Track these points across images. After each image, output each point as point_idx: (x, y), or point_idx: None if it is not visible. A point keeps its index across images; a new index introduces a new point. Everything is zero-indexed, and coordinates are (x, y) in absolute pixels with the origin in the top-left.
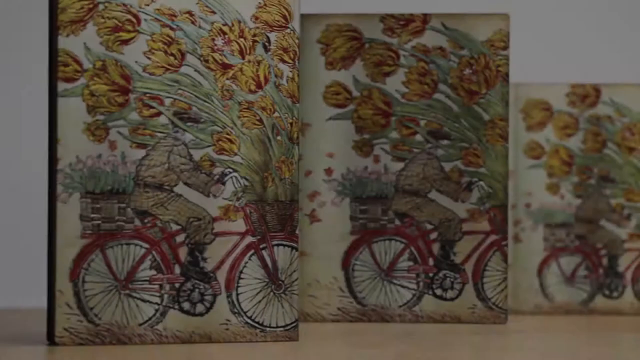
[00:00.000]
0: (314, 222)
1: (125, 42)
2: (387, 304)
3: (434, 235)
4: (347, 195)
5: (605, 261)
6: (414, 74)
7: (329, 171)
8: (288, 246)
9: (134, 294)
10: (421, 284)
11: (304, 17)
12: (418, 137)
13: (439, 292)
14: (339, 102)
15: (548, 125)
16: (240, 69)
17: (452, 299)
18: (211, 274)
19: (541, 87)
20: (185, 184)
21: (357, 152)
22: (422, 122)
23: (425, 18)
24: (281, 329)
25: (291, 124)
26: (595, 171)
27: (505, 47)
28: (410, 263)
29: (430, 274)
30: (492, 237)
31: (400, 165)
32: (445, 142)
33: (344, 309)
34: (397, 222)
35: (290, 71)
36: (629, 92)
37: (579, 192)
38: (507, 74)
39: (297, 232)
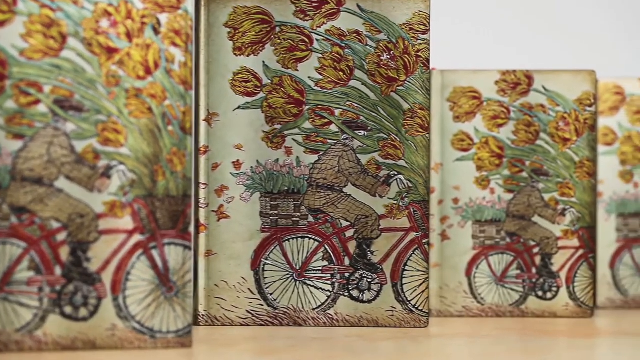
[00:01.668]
0: (222, 219)
1: (0, 23)
2: (300, 307)
3: (350, 233)
4: (256, 190)
5: (538, 260)
6: (328, 59)
7: (237, 164)
8: (180, 245)
9: (11, 298)
10: (336, 285)
11: None
12: (333, 128)
13: (355, 293)
14: (248, 90)
15: (477, 115)
16: (128, 54)
17: (369, 301)
18: (95, 276)
19: (469, 74)
20: (67, 177)
21: (268, 144)
22: (337, 112)
23: (340, 0)
24: (173, 334)
25: (184, 112)
26: (527, 164)
27: (426, 31)
28: (325, 263)
29: (346, 274)
30: (413, 235)
31: (314, 157)
32: (361, 133)
33: (254, 311)
34: (311, 218)
35: (183, 55)
36: (563, 79)
37: (510, 187)
38: (427, 60)
39: (190, 229)
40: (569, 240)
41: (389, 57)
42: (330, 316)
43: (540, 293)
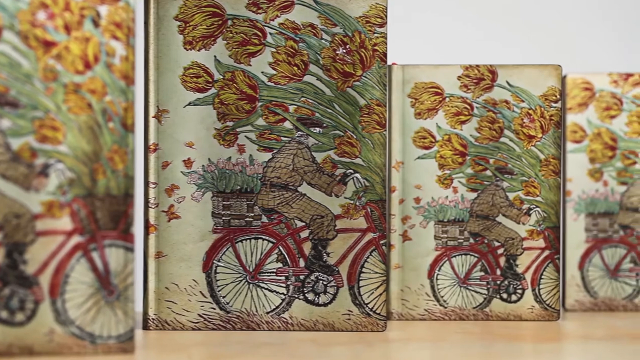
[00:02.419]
0: (172, 219)
1: None
2: (253, 310)
3: (305, 234)
4: (208, 190)
5: (502, 261)
6: (282, 54)
7: (188, 162)
8: (122, 247)
9: None
10: (291, 287)
11: None
12: (287, 125)
13: (310, 296)
14: (199, 86)
15: (439, 111)
16: (66, 47)
17: (325, 304)
18: (32, 279)
19: (431, 69)
20: (2, 176)
21: (220, 142)
22: (292, 108)
23: None
24: (114, 340)
25: (125, 108)
26: (491, 162)
27: (383, 24)
28: (279, 265)
29: (301, 277)
30: (370, 236)
31: (268, 155)
32: (317, 130)
33: (206, 315)
34: (264, 219)
35: (124, 49)
36: (528, 74)
37: (473, 185)
38: (385, 54)
39: (132, 230)
40: (535, 241)
41: (344, 51)
42: (284, 320)
43: (504, 295)
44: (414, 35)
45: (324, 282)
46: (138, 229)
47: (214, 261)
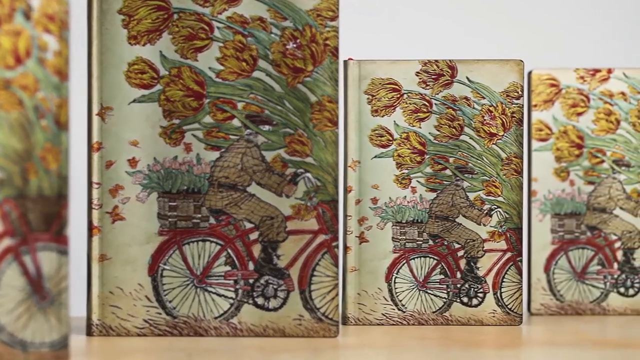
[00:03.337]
0: (117, 221)
1: None
2: (201, 315)
3: (254, 236)
4: (154, 190)
5: (463, 264)
6: (230, 49)
7: (133, 162)
8: (55, 249)
9: None
10: (240, 291)
11: None
12: (235, 122)
13: (260, 301)
14: (143, 83)
15: (397, 108)
16: None
17: (275, 309)
18: None
19: (388, 65)
20: None
21: (166, 140)
22: (240, 105)
23: None
24: (47, 347)
25: (59, 105)
26: (451, 161)
27: (334, 17)
28: (228, 268)
29: (250, 280)
30: (322, 237)
31: (216, 154)
32: (266, 127)
33: (152, 321)
34: (212, 220)
35: (58, 43)
36: (488, 69)
37: (432, 185)
38: (336, 48)
39: (65, 232)
40: (496, 243)
41: (295, 45)
42: (233, 325)
43: (465, 299)
44: (370, 30)
45: (274, 286)
46: (81, 231)
47: (160, 264)
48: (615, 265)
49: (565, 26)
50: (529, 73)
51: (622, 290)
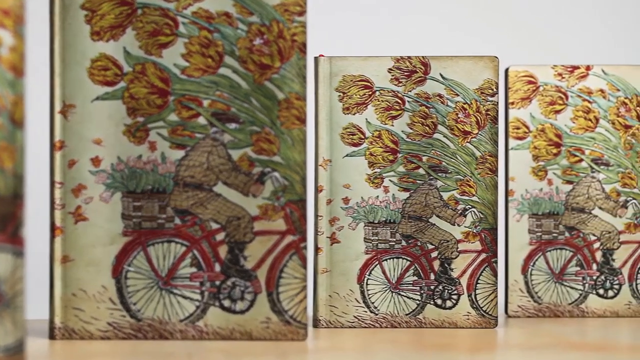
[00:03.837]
0: (79, 222)
1: None
2: (166, 318)
3: (220, 236)
4: (118, 190)
5: (437, 265)
6: (195, 45)
7: (96, 161)
8: (10, 251)
9: None
10: (206, 294)
11: None
12: (201, 120)
13: (226, 303)
14: (107, 80)
15: (369, 106)
16: None
17: (242, 312)
18: None
19: (360, 61)
20: None
21: (130, 139)
22: (206, 102)
23: None
24: (1, 352)
25: (14, 102)
26: (424, 159)
27: (302, 12)
28: (194, 269)
29: (217, 282)
30: (289, 238)
31: (181, 153)
32: (233, 125)
33: (116, 324)
34: (178, 220)
35: (12, 38)
36: (462, 66)
37: (405, 185)
38: (304, 44)
39: (21, 233)
40: (471, 243)
41: (262, 41)
42: (199, 328)
43: (439, 301)
44: (342, 26)
45: (241, 288)
46: (43, 231)
47: (124, 266)
48: (595, 267)
49: (543, 22)
50: (506, 70)
51: (601, 291)
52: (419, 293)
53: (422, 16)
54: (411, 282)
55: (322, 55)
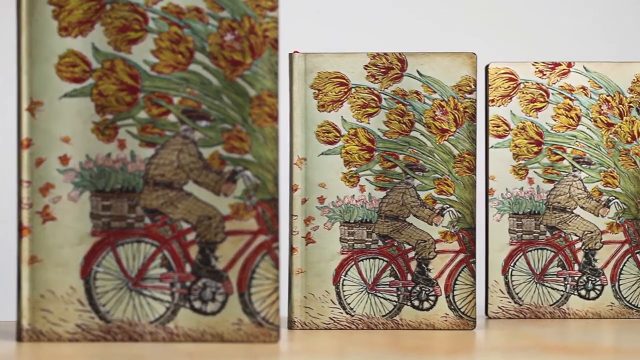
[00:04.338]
0: (47, 221)
1: None
2: (136, 320)
3: (191, 236)
4: (86, 188)
5: (414, 265)
6: (165, 41)
7: (64, 159)
8: None
9: None
10: (177, 295)
11: None
12: (171, 118)
13: (197, 304)
14: (75, 76)
15: (345, 103)
16: None
17: (213, 313)
18: None
19: (335, 58)
20: None
21: (99, 136)
22: (176, 99)
23: None
24: None
25: None
26: (401, 158)
27: (274, 7)
28: (164, 270)
29: (187, 283)
30: (261, 238)
31: (151, 151)
32: (204, 123)
33: (84, 325)
34: (148, 220)
35: None
36: (440, 63)
37: (382, 184)
38: (276, 40)
39: None
40: (448, 244)
41: (233, 37)
42: (169, 330)
43: (416, 302)
44: (317, 21)
45: (212, 289)
46: (10, 231)
47: (93, 266)
48: (576, 267)
49: (524, 18)
50: (486, 67)
51: (583, 292)
52: (395, 294)
53: (400, 12)
54: (388, 283)
55: (297, 52)
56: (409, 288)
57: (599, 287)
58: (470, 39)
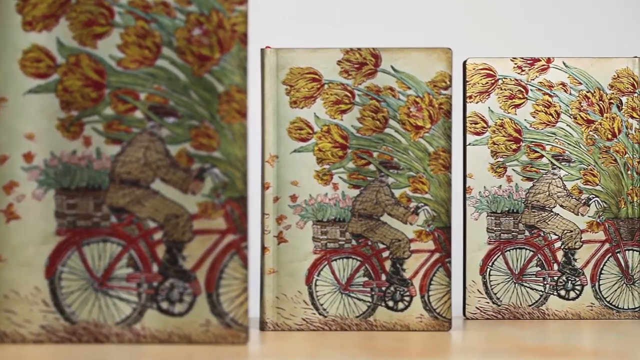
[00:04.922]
0: (11, 220)
1: None
2: (101, 321)
3: (158, 235)
4: (51, 187)
5: (388, 265)
6: (131, 35)
7: (28, 156)
8: None
9: None
10: (143, 295)
11: None
12: (138, 114)
13: (165, 305)
14: (39, 71)
15: (317, 99)
16: None
17: (180, 314)
18: None
19: (308, 53)
20: None
21: (64, 133)
22: (143, 95)
23: None
24: None
25: None
26: (375, 155)
27: (243, 1)
28: (130, 270)
29: (154, 283)
30: (230, 238)
31: (117, 148)
32: (171, 119)
33: (49, 326)
34: (114, 219)
35: None
36: (414, 58)
37: (355, 181)
38: (245, 35)
39: None
40: (423, 243)
41: (201, 32)
42: (136, 331)
43: (390, 303)
44: (288, 16)
45: (180, 290)
46: None
47: (58, 266)
48: (556, 267)
49: (502, 13)
50: (464, 62)
51: (562, 292)
52: (369, 294)
53: (375, 6)
54: (361, 283)
55: (269, 47)
56: (383, 288)
57: (578, 287)
58: (447, 34)
